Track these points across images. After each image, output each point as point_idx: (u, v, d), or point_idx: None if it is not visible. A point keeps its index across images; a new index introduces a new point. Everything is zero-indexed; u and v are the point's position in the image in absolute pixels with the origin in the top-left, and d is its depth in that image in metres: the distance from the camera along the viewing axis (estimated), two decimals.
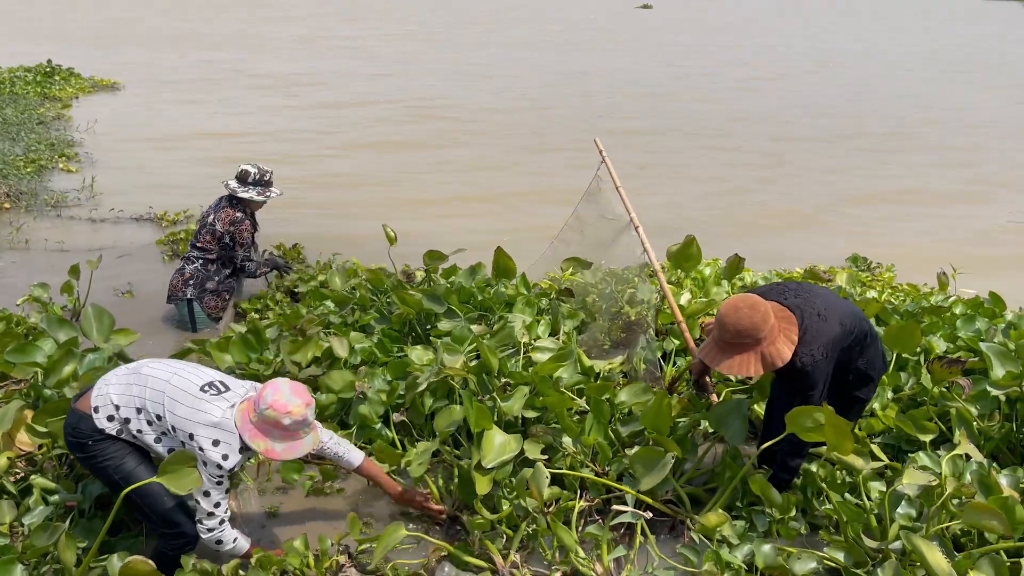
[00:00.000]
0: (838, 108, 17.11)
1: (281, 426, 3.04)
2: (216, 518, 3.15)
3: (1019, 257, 8.40)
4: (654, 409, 3.70)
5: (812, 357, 3.30)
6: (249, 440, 3.06)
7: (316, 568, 3.31)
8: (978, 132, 15.35)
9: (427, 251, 5.71)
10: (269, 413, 3.03)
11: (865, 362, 3.60)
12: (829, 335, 3.35)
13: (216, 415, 3.06)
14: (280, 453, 3.09)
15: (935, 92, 19.86)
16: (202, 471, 3.04)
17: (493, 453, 3.72)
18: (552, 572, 3.38)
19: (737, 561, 3.32)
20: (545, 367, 4.25)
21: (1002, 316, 5.21)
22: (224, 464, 3.04)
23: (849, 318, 3.47)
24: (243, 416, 3.10)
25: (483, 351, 4.19)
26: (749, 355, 3.28)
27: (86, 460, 3.22)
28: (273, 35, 26.34)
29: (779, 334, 3.30)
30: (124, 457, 3.18)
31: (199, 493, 3.10)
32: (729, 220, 9.28)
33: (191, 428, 3.04)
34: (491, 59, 22.67)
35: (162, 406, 3.09)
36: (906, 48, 30.18)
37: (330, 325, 5.23)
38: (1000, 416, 4.21)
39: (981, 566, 2.97)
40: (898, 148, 13.66)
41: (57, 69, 16.72)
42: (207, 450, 3.02)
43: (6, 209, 8.70)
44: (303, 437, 3.14)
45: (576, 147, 10.88)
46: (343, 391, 4.34)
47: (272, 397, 3.04)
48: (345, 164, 11.44)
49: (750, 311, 3.26)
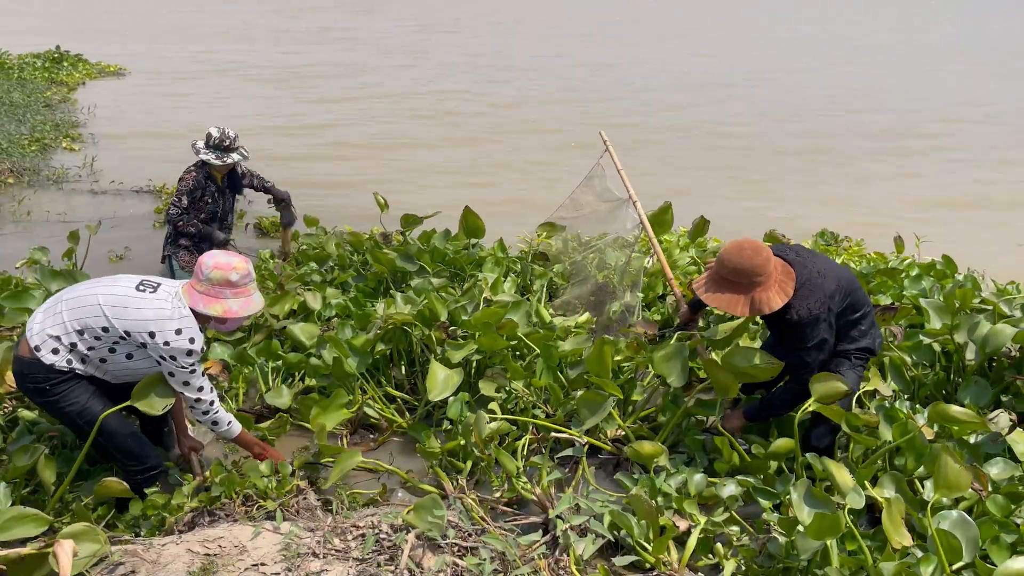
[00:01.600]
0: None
1: (230, 283, 3.20)
2: (204, 401, 3.33)
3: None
4: (595, 354, 3.93)
5: (808, 311, 3.40)
6: (205, 308, 3.19)
7: (277, 490, 3.56)
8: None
9: (403, 215, 5.96)
10: (216, 274, 3.18)
11: (860, 333, 3.66)
12: (826, 291, 3.44)
13: (166, 307, 3.17)
14: (238, 311, 3.25)
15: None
16: (170, 368, 3.19)
17: (438, 387, 4.01)
18: (495, 494, 3.63)
19: (670, 488, 3.55)
20: (488, 313, 4.45)
21: (952, 277, 5.41)
22: (193, 347, 3.17)
23: (846, 283, 3.56)
24: (190, 293, 3.23)
25: (431, 300, 4.46)
26: (740, 296, 3.40)
27: (50, 405, 3.30)
28: (285, 27, 26.56)
29: (774, 283, 3.39)
30: (87, 401, 3.28)
31: (179, 386, 3.25)
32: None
33: (149, 327, 3.13)
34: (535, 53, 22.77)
35: (105, 318, 3.16)
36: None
37: (310, 282, 5.52)
38: (938, 366, 4.42)
39: (883, 482, 3.21)
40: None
41: (66, 55, 17.04)
42: (173, 342, 3.13)
43: (9, 185, 9.00)
44: (252, 293, 3.30)
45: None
46: (311, 343, 4.64)
47: (213, 260, 3.21)
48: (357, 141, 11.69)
49: (752, 253, 3.37)
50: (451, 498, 3.56)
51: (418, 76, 17.63)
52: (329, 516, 3.36)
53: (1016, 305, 4.52)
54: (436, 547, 3.10)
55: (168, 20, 26.74)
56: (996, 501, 3.28)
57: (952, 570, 2.90)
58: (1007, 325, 4.09)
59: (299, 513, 3.40)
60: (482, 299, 4.91)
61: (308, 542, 3.04)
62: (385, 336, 4.46)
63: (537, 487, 3.56)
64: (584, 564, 3.18)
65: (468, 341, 4.30)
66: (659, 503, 3.44)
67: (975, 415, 3.42)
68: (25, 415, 3.90)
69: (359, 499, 3.68)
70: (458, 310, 4.54)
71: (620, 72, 19.14)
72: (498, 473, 3.82)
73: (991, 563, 2.99)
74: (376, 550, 3.04)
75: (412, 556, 3.01)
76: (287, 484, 3.60)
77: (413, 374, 4.54)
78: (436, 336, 4.36)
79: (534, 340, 4.45)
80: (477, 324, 4.34)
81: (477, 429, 3.71)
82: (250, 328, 4.92)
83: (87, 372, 3.28)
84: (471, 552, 3.12)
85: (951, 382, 4.33)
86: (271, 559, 2.93)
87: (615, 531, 3.32)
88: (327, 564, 2.93)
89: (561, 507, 3.38)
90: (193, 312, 3.24)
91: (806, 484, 3.16)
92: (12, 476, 3.46)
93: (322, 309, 4.98)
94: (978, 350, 4.15)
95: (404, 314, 4.35)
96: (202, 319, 3.30)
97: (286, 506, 3.43)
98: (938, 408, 3.43)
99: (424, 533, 3.10)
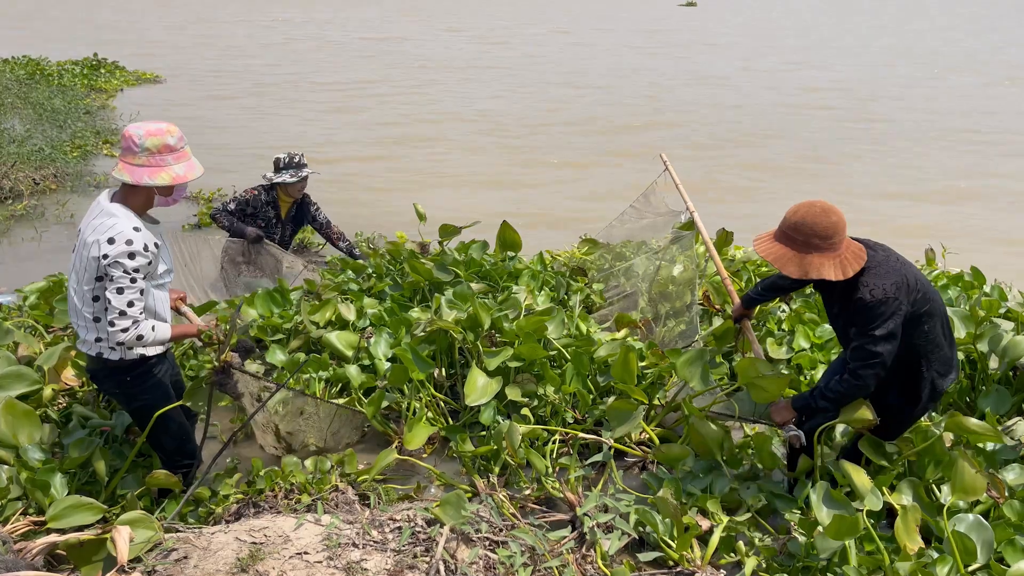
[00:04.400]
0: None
1: (169, 147, 3.08)
2: (128, 317, 3.06)
3: None
4: (620, 361, 4.06)
5: (883, 291, 3.07)
6: (152, 179, 3.05)
7: (318, 485, 3.73)
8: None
9: (441, 224, 6.09)
10: (152, 140, 3.05)
11: (930, 343, 3.28)
12: (902, 275, 3.14)
13: (95, 211, 3.13)
14: (185, 175, 3.13)
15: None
16: (110, 274, 3.03)
17: (476, 393, 4.14)
18: (524, 492, 3.77)
19: (695, 489, 3.67)
20: (530, 322, 4.61)
21: (980, 288, 5.47)
22: (132, 248, 3.01)
23: (921, 279, 3.25)
24: (128, 171, 3.06)
25: (475, 306, 4.58)
26: (795, 253, 3.13)
27: (130, 398, 3.40)
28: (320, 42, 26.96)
29: (837, 256, 3.10)
30: (156, 401, 3.39)
31: (111, 292, 3.03)
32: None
33: (93, 251, 3.05)
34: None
35: (77, 274, 3.15)
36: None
37: (347, 291, 5.65)
38: (962, 374, 4.49)
39: (901, 488, 3.32)
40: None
41: (103, 63, 17.49)
42: (111, 254, 3.00)
43: (53, 190, 9.32)
44: (191, 156, 3.20)
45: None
46: (347, 348, 4.77)
47: (142, 129, 3.06)
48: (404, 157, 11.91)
49: (821, 212, 3.09)
50: (482, 495, 3.71)
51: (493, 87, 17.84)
52: (367, 510, 3.52)
53: None
54: (469, 540, 3.24)
55: (212, 30, 27.26)
56: (1012, 506, 3.37)
57: (968, 571, 3.00)
58: None
59: (338, 507, 3.56)
60: (523, 308, 5.00)
61: (348, 533, 3.20)
62: (428, 338, 4.59)
63: (566, 486, 3.70)
64: (610, 560, 3.31)
65: (504, 348, 4.41)
66: (683, 503, 3.56)
67: (989, 427, 3.40)
68: (79, 410, 4.11)
69: (394, 495, 3.84)
70: (500, 318, 4.65)
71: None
72: (528, 474, 3.96)
73: (1006, 565, 3.08)
74: (412, 542, 3.20)
75: (447, 548, 3.16)
76: (327, 481, 3.77)
77: (451, 376, 4.66)
78: (482, 344, 4.47)
79: (567, 348, 4.56)
80: (518, 332, 4.46)
81: (510, 438, 3.83)
82: (289, 333, 5.06)
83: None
84: (502, 545, 3.26)
85: (975, 390, 4.41)
86: (313, 548, 3.09)
87: (640, 528, 3.45)
88: (366, 554, 3.08)
89: (588, 505, 3.52)
90: (135, 190, 3.12)
91: (825, 486, 3.27)
92: (68, 467, 3.67)
93: (357, 319, 5.08)
94: (1000, 359, 4.23)
95: (448, 323, 4.40)
96: (143, 202, 3.17)
97: (325, 500, 3.59)
98: (955, 419, 3.42)
99: (458, 526, 3.25)
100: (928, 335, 3.26)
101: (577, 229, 7.49)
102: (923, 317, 3.21)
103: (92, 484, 3.75)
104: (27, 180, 9.11)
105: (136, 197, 3.17)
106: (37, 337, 4.85)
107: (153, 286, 3.23)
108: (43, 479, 3.49)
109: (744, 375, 3.71)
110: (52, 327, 5.02)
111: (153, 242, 3.12)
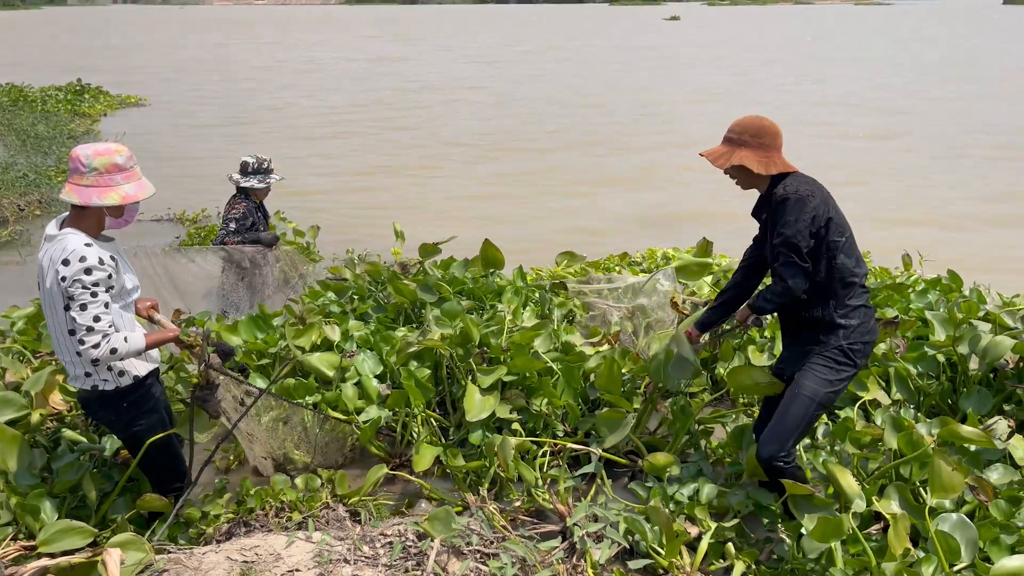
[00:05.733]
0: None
1: (118, 167, 3.03)
2: (97, 332, 3.00)
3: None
4: (605, 372, 4.09)
5: (796, 190, 3.24)
6: (100, 199, 2.99)
7: (308, 503, 3.74)
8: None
9: (421, 244, 6.10)
10: (101, 160, 3.00)
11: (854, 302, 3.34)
12: (820, 186, 3.33)
13: (45, 242, 3.10)
14: (136, 194, 3.07)
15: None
16: (71, 294, 2.98)
17: (475, 409, 4.16)
18: (514, 503, 3.79)
19: (683, 496, 3.71)
20: (523, 336, 4.64)
21: (958, 291, 5.55)
22: (88, 264, 2.97)
23: (842, 216, 3.36)
24: (76, 192, 3.01)
25: (466, 323, 4.60)
26: (729, 148, 3.41)
27: (124, 426, 3.38)
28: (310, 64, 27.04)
29: (766, 154, 3.35)
30: (152, 426, 3.39)
31: (75, 311, 2.97)
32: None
33: (51, 278, 3.02)
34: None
35: (48, 310, 3.12)
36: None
37: (330, 314, 5.61)
38: (943, 376, 4.56)
39: (888, 493, 3.36)
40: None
41: (87, 88, 17.50)
42: (68, 275, 2.96)
43: (37, 215, 9.32)
44: (141, 176, 3.13)
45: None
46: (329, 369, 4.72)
47: (90, 149, 3.02)
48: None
49: (756, 117, 3.43)
50: (473, 508, 3.72)
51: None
52: (357, 526, 3.53)
53: (1018, 317, 4.66)
54: (460, 553, 3.26)
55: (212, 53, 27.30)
56: (998, 505, 3.41)
57: (953, 571, 3.04)
58: (1007, 336, 4.23)
59: (329, 523, 3.57)
60: (507, 324, 5.01)
61: (339, 549, 3.21)
62: (417, 355, 4.60)
63: (556, 497, 3.72)
64: (600, 569, 3.33)
65: (498, 367, 4.43)
66: (672, 510, 3.59)
67: (983, 435, 3.43)
68: (67, 434, 4.11)
69: (384, 510, 3.85)
70: (488, 335, 4.67)
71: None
72: (519, 487, 3.98)
73: (992, 564, 3.12)
74: (403, 556, 3.21)
75: (438, 561, 3.18)
76: (317, 498, 3.78)
77: (439, 392, 4.67)
78: (475, 361, 4.50)
79: (558, 361, 4.58)
80: (510, 347, 4.49)
81: (503, 453, 3.85)
82: (274, 358, 5.01)
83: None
84: (493, 557, 3.28)
85: (956, 392, 4.46)
86: (305, 565, 3.10)
87: (630, 537, 3.48)
88: (358, 570, 3.10)
89: (578, 515, 3.54)
90: (84, 212, 3.07)
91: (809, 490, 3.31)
92: (58, 491, 3.66)
93: (342, 340, 5.04)
94: (980, 360, 4.29)
95: (439, 342, 4.40)
96: (94, 224, 3.12)
97: (316, 517, 3.60)
98: (950, 428, 3.46)
99: (448, 540, 3.27)
100: (839, 271, 3.29)
101: (559, 249, 7.42)
102: (834, 248, 3.27)
103: (82, 508, 3.73)
104: (12, 206, 9.11)
105: (86, 219, 3.11)
106: (24, 363, 4.84)
107: (120, 306, 3.20)
108: (33, 503, 3.48)
109: (735, 381, 3.76)
110: (39, 352, 5.00)
111: (108, 255, 3.07)
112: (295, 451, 4.11)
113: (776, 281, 3.31)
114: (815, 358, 3.35)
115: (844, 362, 3.32)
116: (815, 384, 3.30)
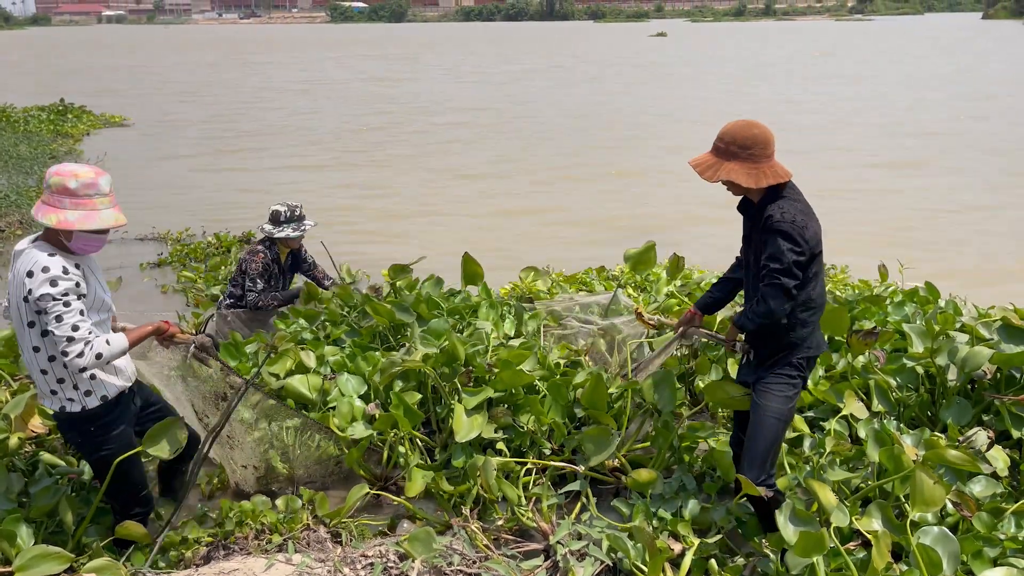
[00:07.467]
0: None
1: (69, 191, 2.98)
2: (79, 340, 2.99)
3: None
4: (590, 389, 4.10)
5: (793, 217, 3.18)
6: (42, 218, 2.98)
7: (288, 524, 3.71)
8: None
9: (391, 265, 5.95)
10: (55, 180, 2.99)
11: (808, 330, 3.40)
12: (811, 213, 3.27)
13: (16, 251, 3.11)
14: (75, 222, 2.98)
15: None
16: (43, 308, 2.98)
17: (463, 429, 4.13)
18: (497, 522, 3.77)
19: (666, 513, 3.70)
20: (512, 354, 4.62)
21: (935, 303, 5.59)
22: (52, 275, 2.96)
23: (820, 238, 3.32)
24: (36, 207, 3.05)
25: (452, 341, 4.57)
26: (716, 159, 3.27)
27: (93, 449, 3.34)
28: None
29: (756, 165, 3.22)
30: (120, 450, 3.33)
31: (52, 324, 2.96)
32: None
33: (16, 295, 3.03)
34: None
35: (18, 330, 3.13)
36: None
37: (303, 341, 5.35)
38: (922, 388, 4.58)
39: (870, 511, 3.37)
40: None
41: (70, 107, 17.44)
42: (34, 288, 2.96)
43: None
44: (100, 209, 3.04)
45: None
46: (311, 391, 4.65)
47: (56, 168, 3.05)
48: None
49: (746, 125, 3.25)
50: (456, 527, 3.71)
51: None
52: (339, 547, 3.51)
53: (993, 328, 4.69)
54: (442, 573, 3.25)
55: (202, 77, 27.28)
56: (980, 518, 3.43)
57: None
58: (984, 347, 4.27)
59: (310, 545, 3.54)
60: (490, 341, 4.99)
61: (319, 572, 3.19)
62: (401, 374, 4.55)
63: (539, 516, 3.71)
64: None
65: (483, 388, 4.40)
66: (655, 526, 3.59)
67: (970, 458, 3.44)
68: (46, 458, 4.06)
69: (367, 531, 3.82)
70: (473, 353, 4.65)
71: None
72: (502, 506, 3.96)
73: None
74: None
75: None
76: (298, 520, 3.75)
77: (425, 411, 4.62)
78: (461, 381, 4.46)
79: (545, 379, 4.57)
80: (495, 364, 4.47)
81: (485, 473, 3.84)
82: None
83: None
84: None
85: (935, 403, 4.49)
86: None
87: (613, 555, 3.47)
88: None
89: (561, 533, 3.53)
90: (49, 234, 3.08)
91: (791, 505, 3.31)
92: (35, 516, 3.62)
93: (318, 366, 4.93)
94: (958, 371, 4.32)
95: (422, 363, 4.36)
96: (61, 242, 3.09)
97: (296, 539, 3.57)
98: (936, 451, 3.46)
99: (430, 560, 3.25)
100: (810, 298, 3.33)
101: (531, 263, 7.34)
102: (812, 279, 3.31)
103: (59, 533, 3.69)
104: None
105: (54, 235, 3.09)
106: (3, 385, 4.79)
107: (94, 322, 3.16)
108: (9, 528, 3.44)
109: (712, 396, 3.77)
110: (18, 375, 4.96)
111: (73, 263, 3.05)
112: (278, 461, 4.07)
113: (760, 302, 3.30)
114: (772, 376, 3.41)
115: (797, 376, 3.43)
116: (777, 404, 3.37)
